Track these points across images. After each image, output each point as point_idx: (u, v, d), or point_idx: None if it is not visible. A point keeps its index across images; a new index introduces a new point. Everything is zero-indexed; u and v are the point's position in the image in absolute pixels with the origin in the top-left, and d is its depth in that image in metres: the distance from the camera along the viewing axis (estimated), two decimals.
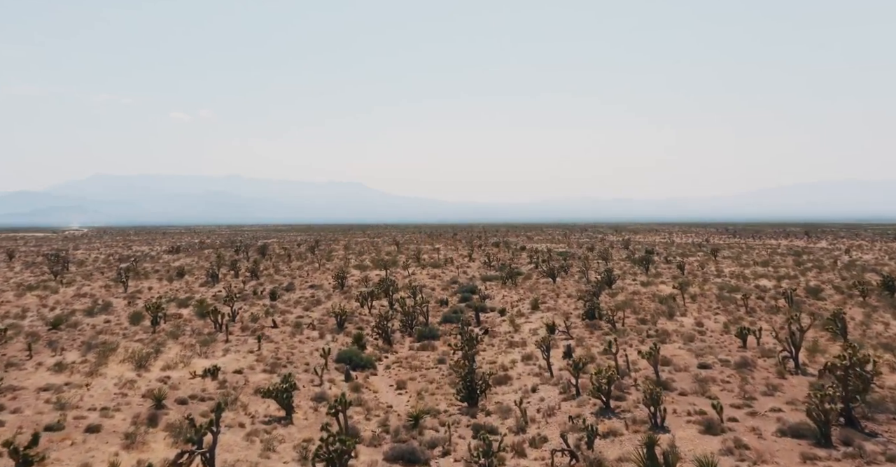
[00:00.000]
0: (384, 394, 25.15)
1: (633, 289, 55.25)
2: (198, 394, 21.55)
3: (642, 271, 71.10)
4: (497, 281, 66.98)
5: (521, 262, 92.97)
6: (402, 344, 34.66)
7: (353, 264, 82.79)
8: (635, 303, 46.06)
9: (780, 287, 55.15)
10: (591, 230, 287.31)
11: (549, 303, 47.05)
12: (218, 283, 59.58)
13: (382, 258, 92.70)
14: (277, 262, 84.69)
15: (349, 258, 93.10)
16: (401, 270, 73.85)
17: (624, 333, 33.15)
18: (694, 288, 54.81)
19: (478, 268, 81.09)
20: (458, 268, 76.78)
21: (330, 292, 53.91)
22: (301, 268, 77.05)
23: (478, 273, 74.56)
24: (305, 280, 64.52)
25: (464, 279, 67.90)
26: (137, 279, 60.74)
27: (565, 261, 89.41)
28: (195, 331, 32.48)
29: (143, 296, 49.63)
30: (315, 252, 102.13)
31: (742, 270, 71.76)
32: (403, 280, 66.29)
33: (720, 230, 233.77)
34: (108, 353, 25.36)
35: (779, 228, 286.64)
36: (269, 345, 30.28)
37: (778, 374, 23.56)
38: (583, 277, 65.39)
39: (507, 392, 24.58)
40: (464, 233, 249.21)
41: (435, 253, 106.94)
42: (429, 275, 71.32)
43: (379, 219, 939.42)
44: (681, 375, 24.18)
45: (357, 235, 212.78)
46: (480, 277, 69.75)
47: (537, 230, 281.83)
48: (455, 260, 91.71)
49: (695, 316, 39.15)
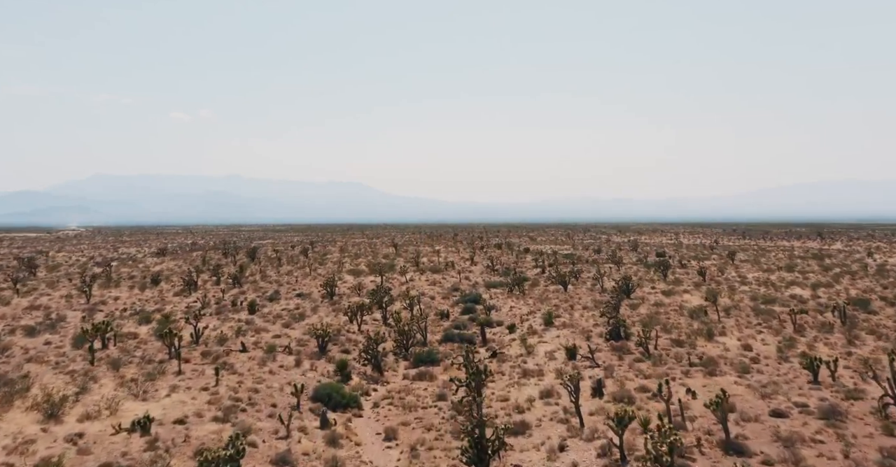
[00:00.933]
0: (369, 448, 19.62)
1: (654, 298, 49.69)
2: (114, 462, 16.01)
3: (660, 277, 65.56)
4: (502, 288, 61.46)
5: (525, 266, 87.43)
6: (396, 370, 29.13)
7: (347, 268, 77.25)
8: (662, 317, 40.51)
9: (818, 297, 49.63)
10: (593, 230, 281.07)
11: (564, 317, 41.49)
12: (196, 292, 54.09)
13: (379, 261, 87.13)
14: (266, 267, 79.16)
15: (344, 262, 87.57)
16: (398, 276, 68.32)
17: (660, 360, 27.60)
18: (723, 297, 49.28)
19: (480, 272, 75.54)
20: (460, 273, 71.28)
21: (317, 303, 48.37)
22: (291, 273, 71.53)
23: (481, 279, 69.01)
24: (293, 287, 58.98)
25: (466, 286, 62.39)
26: (107, 287, 55.20)
27: (574, 265, 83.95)
28: (144, 359, 26.93)
29: (107, 308, 44.13)
30: (308, 255, 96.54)
31: (766, 276, 66.21)
32: (401, 287, 60.75)
33: (727, 231, 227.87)
34: (15, 395, 19.84)
35: (783, 228, 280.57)
36: (232, 377, 24.74)
37: (885, 431, 17.99)
38: (597, 284, 59.89)
39: (525, 447, 19.05)
40: (464, 233, 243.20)
41: (435, 255, 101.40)
42: (428, 281, 65.78)
43: (379, 219, 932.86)
44: (754, 429, 18.63)
45: (355, 236, 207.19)
46: (484, 284, 64.21)
47: (539, 230, 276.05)
48: (456, 263, 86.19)
49: (737, 335, 33.59)
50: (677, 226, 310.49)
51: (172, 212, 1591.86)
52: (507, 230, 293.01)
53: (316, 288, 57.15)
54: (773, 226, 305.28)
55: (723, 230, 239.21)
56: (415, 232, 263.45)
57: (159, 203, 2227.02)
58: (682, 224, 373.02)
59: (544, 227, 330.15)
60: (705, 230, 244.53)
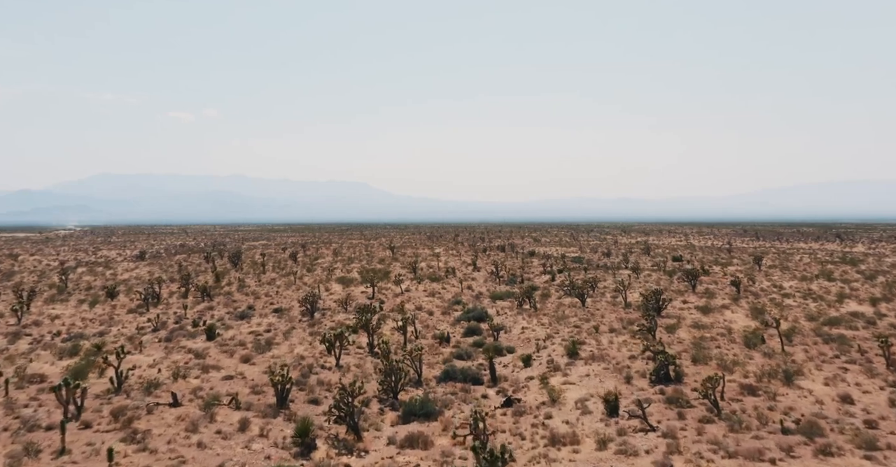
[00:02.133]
0: None
1: (690, 317, 42.27)
2: None
3: (687, 287, 58.13)
4: (510, 300, 54.11)
5: (532, 272, 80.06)
6: (379, 429, 21.77)
7: (337, 275, 69.93)
8: (710, 344, 33.09)
9: (884, 314, 42.17)
10: (597, 230, 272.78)
11: (590, 343, 34.08)
12: (158, 306, 46.77)
13: (374, 267, 79.78)
14: (248, 274, 71.81)
15: (335, 268, 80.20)
16: (392, 286, 60.95)
17: (739, 423, 20.14)
18: (773, 315, 41.87)
19: (484, 280, 68.20)
20: (462, 282, 63.93)
21: (294, 323, 41.04)
22: (273, 281, 64.20)
23: (485, 288, 61.67)
24: (272, 300, 51.63)
25: (469, 297, 55.03)
26: (54, 302, 47.84)
27: (585, 270, 76.53)
28: (27, 424, 19.50)
29: (38, 331, 36.79)
30: (297, 259, 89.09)
31: (806, 286, 58.75)
32: (395, 299, 53.42)
33: (737, 231, 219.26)
34: None
35: (791, 228, 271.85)
36: (138, 458, 17.31)
37: None
38: (618, 297, 52.44)
39: None
40: (465, 234, 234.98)
41: (434, 259, 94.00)
42: (426, 291, 58.44)
43: (382, 218, 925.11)
44: None
45: (353, 237, 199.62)
46: (489, 294, 56.90)
47: (542, 231, 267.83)
48: (457, 269, 78.80)
49: (821, 376, 26.16)
50: (683, 227, 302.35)
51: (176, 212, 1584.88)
52: (509, 230, 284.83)
53: (298, 301, 49.79)
54: (780, 226, 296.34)
55: (732, 231, 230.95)
56: (415, 232, 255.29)
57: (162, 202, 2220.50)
58: (686, 224, 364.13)
59: (546, 228, 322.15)
60: (712, 230, 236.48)
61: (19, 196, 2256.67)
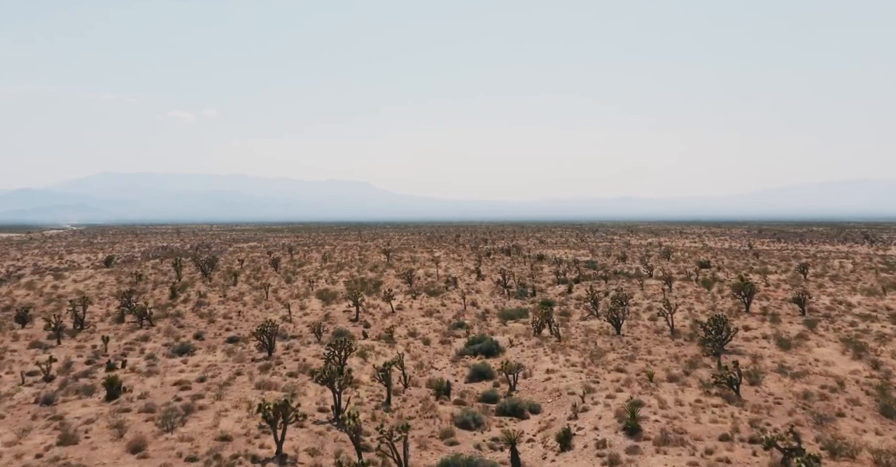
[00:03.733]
0: None
1: (768, 355, 32.09)
2: None
3: (739, 305, 47.97)
4: (523, 320, 44.06)
5: (544, 280, 69.95)
6: None
7: (319, 288, 59.86)
8: (830, 412, 22.90)
9: None
10: (601, 230, 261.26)
11: (650, 404, 23.88)
12: (79, 334, 36.70)
13: (364, 276, 69.72)
14: (215, 286, 61.68)
15: (320, 276, 70.06)
16: (382, 303, 50.71)
17: None
18: (873, 351, 31.70)
19: (490, 293, 58.13)
20: (465, 296, 53.81)
21: (244, 363, 30.93)
22: (241, 297, 54.09)
23: (492, 303, 51.61)
24: (230, 324, 41.55)
25: (473, 316, 44.95)
26: None
27: (605, 280, 66.32)
28: None
29: None
30: (278, 267, 78.66)
31: (882, 303, 48.52)
32: (384, 321, 43.40)
33: (752, 232, 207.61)
34: None
35: (801, 228, 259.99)
36: None
37: None
38: (657, 318, 42.23)
39: None
40: (467, 234, 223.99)
41: (433, 265, 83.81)
42: (422, 308, 48.34)
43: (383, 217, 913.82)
44: None
45: (350, 237, 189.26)
46: (498, 312, 46.84)
47: (546, 231, 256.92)
48: (459, 278, 68.68)
49: None
50: (691, 227, 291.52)
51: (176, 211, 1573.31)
52: (512, 230, 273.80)
53: (252, 332, 39.57)
54: (789, 226, 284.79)
55: (746, 231, 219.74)
56: (414, 232, 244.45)
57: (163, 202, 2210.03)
58: (692, 223, 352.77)
59: (550, 227, 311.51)
60: (724, 231, 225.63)
61: (20, 195, 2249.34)
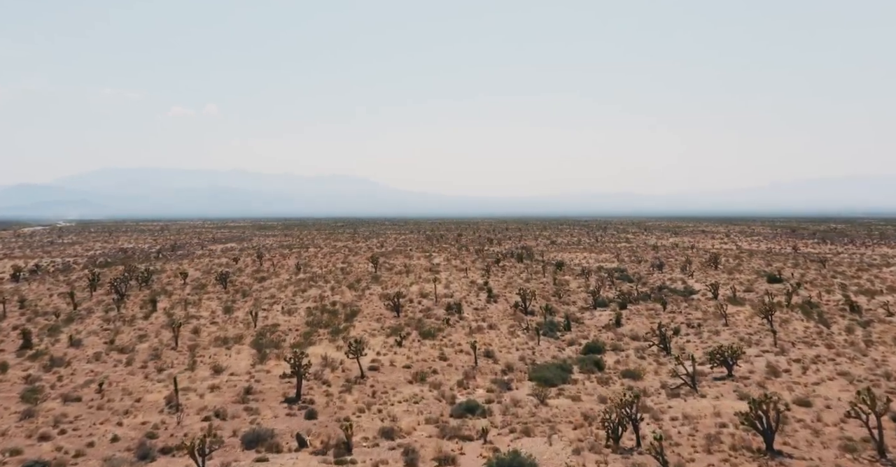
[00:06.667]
0: None
1: None
2: None
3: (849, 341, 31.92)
4: (569, 390, 28.25)
5: (574, 299, 54.19)
6: None
7: (268, 322, 43.92)
8: None
9: None
10: (611, 228, 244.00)
11: None
12: None
13: (339, 298, 53.88)
14: (114, 321, 45.65)
15: (278, 299, 53.87)
16: (346, 359, 34.51)
17: None
18: None
19: (509, 327, 42.30)
20: (472, 333, 37.84)
21: None
22: (140, 340, 38.18)
23: (515, 351, 36.03)
24: (63, 422, 25.70)
25: (489, 383, 29.21)
26: None
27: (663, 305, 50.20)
28: None
29: None
30: (227, 284, 60.89)
31: None
32: (341, 400, 27.60)
33: (786, 232, 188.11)
34: None
35: (819, 224, 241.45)
36: None
37: None
38: (820, 414, 26.17)
39: None
40: (469, 232, 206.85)
41: (431, 276, 67.77)
42: (409, 369, 32.37)
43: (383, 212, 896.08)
44: None
45: (342, 237, 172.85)
46: (527, 372, 31.07)
47: (553, 228, 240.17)
48: (465, 299, 52.75)
49: None
50: (705, 224, 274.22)
51: (177, 207, 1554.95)
52: (517, 227, 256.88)
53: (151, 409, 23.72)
54: (806, 222, 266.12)
55: (778, 230, 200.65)
56: (413, 230, 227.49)
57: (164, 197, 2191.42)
58: (703, 220, 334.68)
59: (557, 224, 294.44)
60: (753, 229, 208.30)
61: (20, 190, 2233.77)
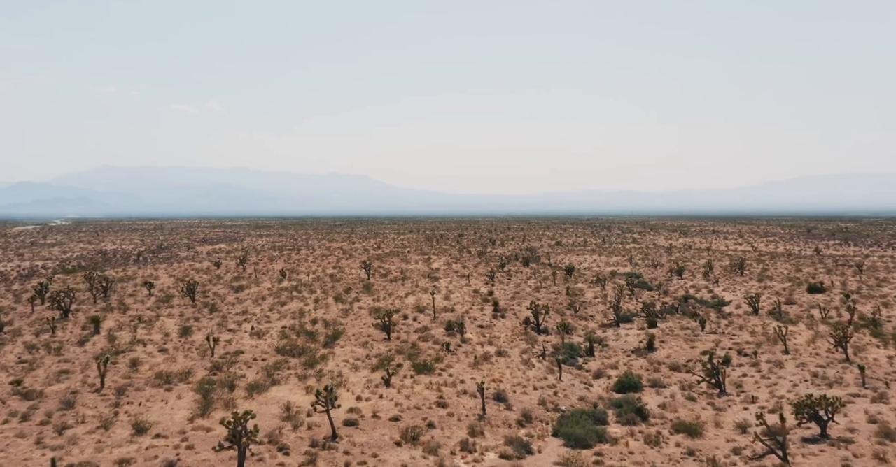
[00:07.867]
0: None
1: None
2: None
3: None
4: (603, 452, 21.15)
5: (591, 314, 47.09)
6: None
7: (230, 349, 36.79)
8: None
9: None
10: (616, 227, 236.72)
11: None
12: None
13: (322, 314, 46.76)
14: (37, 348, 38.60)
15: (251, 316, 46.62)
16: (314, 411, 27.34)
17: None
18: None
19: (521, 353, 35.24)
20: (476, 363, 30.89)
21: None
22: (71, 371, 30.99)
23: (531, 389, 29.11)
24: None
25: (502, 439, 22.07)
26: None
27: (695, 318, 42.86)
28: None
29: None
30: (195, 296, 53.18)
31: None
32: None
33: (800, 232, 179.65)
34: None
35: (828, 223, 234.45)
36: None
37: None
38: None
39: None
40: (471, 232, 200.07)
41: (429, 285, 60.65)
42: (397, 421, 25.41)
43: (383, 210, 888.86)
44: None
45: (338, 237, 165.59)
46: (553, 425, 23.92)
47: (557, 228, 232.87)
48: (467, 314, 45.65)
49: None
50: (712, 223, 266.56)
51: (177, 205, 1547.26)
52: (519, 226, 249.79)
53: None
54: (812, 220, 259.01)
55: (791, 231, 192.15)
56: (413, 229, 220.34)
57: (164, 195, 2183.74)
58: (708, 219, 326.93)
59: (559, 223, 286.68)
60: (764, 229, 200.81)
61: (20, 188, 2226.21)
